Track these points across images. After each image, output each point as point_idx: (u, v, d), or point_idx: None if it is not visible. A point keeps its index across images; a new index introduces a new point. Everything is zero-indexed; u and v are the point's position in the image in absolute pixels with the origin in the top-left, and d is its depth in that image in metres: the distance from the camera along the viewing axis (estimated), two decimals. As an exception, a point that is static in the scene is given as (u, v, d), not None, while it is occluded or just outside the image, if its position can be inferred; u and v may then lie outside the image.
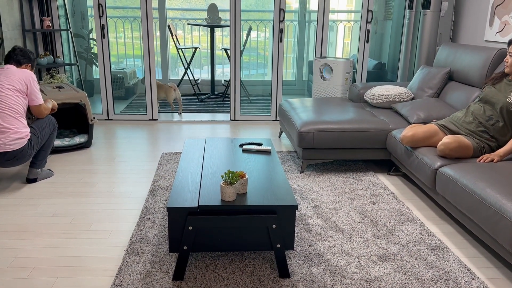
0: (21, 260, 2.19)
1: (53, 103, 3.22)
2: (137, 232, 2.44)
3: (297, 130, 3.32)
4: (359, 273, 2.12)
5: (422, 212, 2.82)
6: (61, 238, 2.39)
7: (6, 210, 2.70)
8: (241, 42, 4.73)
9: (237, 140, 2.94)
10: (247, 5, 6.79)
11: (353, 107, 3.79)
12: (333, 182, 3.24)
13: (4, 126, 2.77)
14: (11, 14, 4.11)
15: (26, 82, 2.90)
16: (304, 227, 2.55)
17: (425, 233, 2.52)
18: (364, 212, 2.77)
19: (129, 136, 4.26)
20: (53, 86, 3.90)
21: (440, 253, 2.31)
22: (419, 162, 2.81)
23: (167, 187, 3.07)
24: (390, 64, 5.97)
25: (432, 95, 3.68)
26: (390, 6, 6.02)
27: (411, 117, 3.35)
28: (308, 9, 6.42)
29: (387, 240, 2.43)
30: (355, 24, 6.52)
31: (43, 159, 3.11)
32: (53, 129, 3.15)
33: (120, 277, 2.04)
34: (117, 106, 5.28)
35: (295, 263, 2.19)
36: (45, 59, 4.46)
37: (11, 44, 4.10)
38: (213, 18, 5.76)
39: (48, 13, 4.56)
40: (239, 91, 4.80)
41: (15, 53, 2.98)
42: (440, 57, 3.86)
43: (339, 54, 6.70)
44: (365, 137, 3.30)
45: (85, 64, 5.91)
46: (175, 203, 1.99)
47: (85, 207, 2.77)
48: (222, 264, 2.16)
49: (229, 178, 2.00)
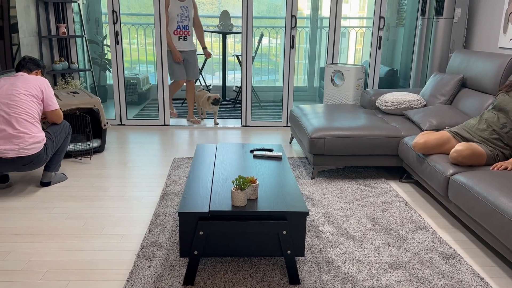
0: (34, 262, 2.22)
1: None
2: (148, 237, 2.46)
3: (308, 136, 3.32)
4: (370, 280, 2.11)
5: (434, 220, 2.80)
6: (73, 242, 2.42)
7: (21, 213, 2.75)
8: (253, 49, 4.76)
9: (248, 146, 2.96)
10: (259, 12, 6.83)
11: (364, 114, 3.78)
12: (344, 188, 3.22)
13: (21, 131, 2.82)
14: (28, 21, 4.20)
15: (41, 88, 2.96)
16: (315, 234, 2.54)
17: (437, 241, 2.49)
18: (375, 219, 2.75)
19: (142, 141, 4.30)
20: (67, 92, 3.96)
21: (453, 262, 2.29)
22: (431, 169, 2.79)
23: (179, 192, 3.09)
24: (402, 71, 5.94)
25: (444, 102, 3.65)
26: (402, 12, 6.00)
27: (423, 124, 3.33)
28: (320, 15, 6.43)
29: (399, 247, 2.41)
30: (367, 31, 6.51)
31: (57, 163, 3.15)
32: (68, 134, 3.19)
33: (131, 281, 2.06)
34: (130, 112, 5.34)
35: (306, 270, 2.18)
36: (60, 65, 4.54)
37: (27, 50, 4.18)
38: (225, 24, 5.80)
39: (63, 20, 4.64)
40: (250, 97, 4.82)
41: (25, 61, 3.05)
42: (453, 64, 3.83)
43: (351, 61, 6.69)
44: (376, 144, 3.29)
45: (99, 70, 5.99)
46: (186, 208, 2.00)
47: (97, 211, 2.80)
48: (232, 270, 2.16)
49: (240, 184, 2.01)
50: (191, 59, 4.81)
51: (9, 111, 2.82)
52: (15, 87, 2.87)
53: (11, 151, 2.79)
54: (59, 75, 4.74)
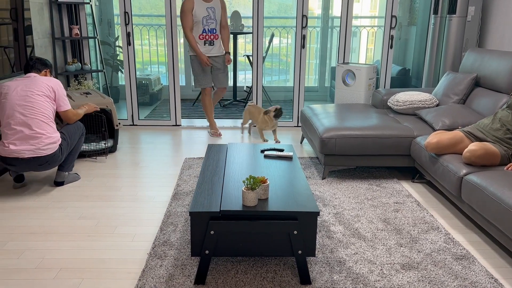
0: (48, 261, 2.25)
1: (90, 106, 3.34)
2: (160, 236, 2.48)
3: (319, 136, 3.31)
4: (381, 281, 2.10)
5: (447, 220, 2.77)
6: (86, 241, 2.45)
7: (35, 212, 2.79)
8: (264, 49, 4.76)
9: (258, 146, 2.96)
10: (270, 12, 6.82)
11: (376, 113, 3.75)
12: (356, 189, 3.21)
13: (37, 132, 2.86)
14: (41, 23, 4.26)
15: (54, 88, 3.00)
16: (326, 234, 2.53)
17: (450, 242, 2.47)
18: (387, 219, 2.73)
19: (153, 141, 4.33)
20: (80, 92, 4.00)
21: (466, 263, 2.26)
22: (444, 169, 2.76)
23: (190, 191, 3.11)
24: (414, 70, 5.89)
25: (457, 102, 3.61)
26: (414, 11, 5.95)
27: (436, 123, 3.30)
28: (331, 15, 6.41)
29: (411, 248, 2.40)
30: (378, 30, 6.47)
31: (70, 163, 3.19)
32: (81, 134, 3.23)
33: (143, 280, 2.08)
34: (141, 112, 5.38)
35: (317, 270, 2.17)
36: (73, 66, 4.59)
37: (41, 51, 4.24)
38: (236, 25, 5.82)
39: (76, 21, 4.69)
40: (261, 97, 4.82)
41: (33, 61, 3.08)
42: (466, 63, 3.79)
43: (362, 60, 6.65)
44: (388, 144, 3.27)
45: (111, 70, 6.05)
46: (197, 207, 2.01)
47: (110, 211, 2.83)
48: (243, 269, 2.17)
49: (250, 184, 2.01)
50: (219, 66, 4.33)
51: (25, 112, 2.86)
52: (29, 88, 2.92)
53: (27, 151, 2.84)
54: (72, 76, 4.80)
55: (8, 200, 2.96)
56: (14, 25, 3.67)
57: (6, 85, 2.94)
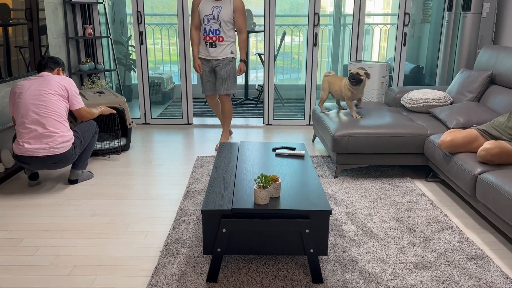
0: (62, 258, 2.28)
1: (105, 109, 3.37)
2: (172, 234, 2.49)
3: (331, 135, 3.29)
4: (394, 280, 2.08)
5: (461, 219, 2.73)
6: (100, 238, 2.48)
7: (49, 210, 2.82)
8: (275, 47, 4.75)
9: (270, 144, 2.96)
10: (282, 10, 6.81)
11: (389, 112, 3.72)
12: (368, 187, 3.19)
13: (50, 131, 2.90)
14: (56, 23, 4.31)
15: (66, 87, 3.03)
16: (338, 233, 2.52)
17: (464, 241, 2.44)
18: (400, 218, 2.71)
19: (166, 140, 4.35)
20: (94, 91, 4.05)
21: (480, 263, 2.23)
22: (458, 168, 2.73)
23: (202, 190, 3.12)
24: (428, 68, 5.83)
25: (472, 99, 3.56)
26: (428, 8, 5.88)
27: (450, 121, 3.26)
28: (343, 12, 6.37)
29: (424, 247, 2.37)
30: (391, 27, 6.41)
31: (84, 161, 3.23)
32: (95, 132, 3.27)
33: (156, 277, 2.09)
34: (154, 111, 5.41)
35: (329, 269, 2.17)
36: (86, 65, 4.64)
37: (55, 51, 4.29)
38: (247, 23, 5.81)
39: (90, 21, 4.74)
40: (272, 96, 4.82)
41: (45, 61, 3.12)
42: (481, 60, 3.73)
43: (375, 58, 6.60)
44: (401, 142, 3.24)
45: (124, 70, 6.10)
46: (209, 205, 2.02)
47: (123, 208, 2.85)
48: (255, 268, 2.17)
49: (262, 182, 2.01)
50: (221, 70, 3.83)
51: (39, 111, 2.90)
52: (43, 88, 2.96)
53: (41, 150, 2.88)
54: (86, 75, 4.85)
55: (23, 198, 3.00)
56: (29, 25, 3.72)
57: (20, 84, 2.99)
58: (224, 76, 3.83)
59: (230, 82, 3.86)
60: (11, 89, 3.02)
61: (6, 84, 3.44)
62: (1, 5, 3.30)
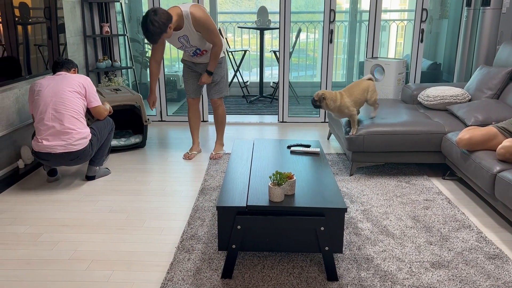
0: (80, 252, 2.32)
1: (109, 107, 3.39)
2: (187, 230, 2.51)
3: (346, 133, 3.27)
4: (410, 279, 2.06)
5: (479, 218, 2.69)
6: (117, 234, 2.51)
7: (68, 206, 2.87)
8: (290, 44, 4.73)
9: (285, 142, 2.95)
10: (297, 7, 6.78)
11: (406, 109, 3.68)
12: (384, 185, 3.16)
13: (68, 127, 2.95)
14: (74, 21, 4.37)
15: (84, 85, 3.08)
16: (353, 231, 2.51)
17: (482, 240, 2.40)
18: (416, 217, 2.68)
19: (181, 137, 4.38)
20: (110, 89, 4.09)
21: (499, 262, 2.20)
22: (476, 166, 2.69)
23: (217, 186, 3.14)
24: (445, 64, 5.74)
25: (491, 96, 3.50)
26: (446, 4, 5.78)
27: (468, 119, 3.20)
28: (360, 9, 6.31)
29: (441, 246, 2.34)
30: (408, 24, 6.33)
31: (101, 158, 3.28)
32: (111, 129, 3.31)
33: (172, 273, 2.11)
34: (169, 108, 5.45)
35: (344, 267, 2.16)
36: (103, 63, 4.70)
37: (73, 49, 4.36)
38: (262, 20, 5.81)
39: (107, 19, 4.79)
40: (287, 93, 4.80)
41: (62, 61, 3.18)
42: (501, 56, 3.66)
43: (392, 55, 6.53)
44: (418, 140, 3.20)
45: (140, 67, 6.15)
46: (224, 202, 2.03)
47: (139, 204, 2.88)
48: (269, 265, 2.17)
49: (277, 179, 2.01)
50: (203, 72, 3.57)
51: (57, 108, 2.95)
52: (61, 85, 3.00)
53: (59, 146, 2.93)
54: (103, 73, 4.91)
55: (42, 193, 3.06)
56: (47, 24, 3.78)
57: (38, 82, 3.04)
58: (216, 81, 3.58)
59: (222, 85, 3.63)
60: (30, 87, 3.08)
61: (25, 82, 3.50)
62: (20, 4, 3.36)
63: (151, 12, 3.03)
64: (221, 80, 3.62)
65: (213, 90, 3.64)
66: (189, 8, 3.20)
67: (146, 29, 3.05)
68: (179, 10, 3.18)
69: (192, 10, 3.20)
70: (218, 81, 3.60)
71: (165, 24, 3.05)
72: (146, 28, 3.04)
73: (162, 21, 3.03)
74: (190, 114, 3.79)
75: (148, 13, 3.04)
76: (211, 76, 3.52)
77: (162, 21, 3.03)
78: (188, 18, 3.20)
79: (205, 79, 3.51)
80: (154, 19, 3.01)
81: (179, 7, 3.20)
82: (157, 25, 3.02)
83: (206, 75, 3.50)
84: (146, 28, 3.04)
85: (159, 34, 3.07)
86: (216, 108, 3.73)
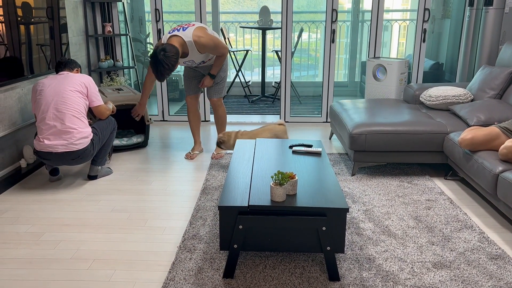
0: (82, 252, 2.32)
1: (113, 106, 3.40)
2: (189, 230, 2.51)
3: (348, 132, 3.27)
4: (412, 279, 2.06)
5: (481, 218, 2.69)
6: (119, 233, 2.52)
7: (70, 205, 2.88)
8: (292, 44, 4.73)
9: (287, 142, 2.95)
10: (299, 7, 6.78)
11: (408, 109, 3.67)
12: (386, 185, 3.15)
13: (69, 127, 2.95)
14: (76, 21, 4.38)
15: (86, 84, 3.09)
16: (355, 231, 2.51)
17: (484, 241, 2.40)
18: (418, 217, 2.68)
19: (183, 137, 4.39)
20: (112, 88, 4.10)
21: (501, 263, 2.19)
22: (478, 166, 2.68)
23: (219, 186, 3.14)
24: (448, 64, 5.73)
25: (494, 96, 3.49)
26: (448, 4, 5.77)
27: (470, 119, 3.20)
28: (362, 8, 6.30)
29: (443, 247, 2.34)
30: (411, 23, 6.32)
31: (103, 157, 3.28)
32: (113, 129, 3.31)
33: (173, 272, 2.11)
34: (171, 108, 5.46)
35: (345, 267, 2.16)
36: (105, 63, 4.70)
37: (75, 48, 4.36)
38: (265, 20, 5.81)
39: (109, 19, 4.80)
40: (289, 93, 4.80)
41: (64, 61, 3.19)
42: (504, 56, 3.65)
43: (394, 55, 6.52)
44: (420, 140, 3.19)
45: (142, 67, 6.16)
46: (226, 202, 2.03)
47: (141, 204, 2.89)
48: (271, 264, 2.17)
49: (279, 179, 2.01)
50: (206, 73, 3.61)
51: (59, 108, 2.95)
52: (63, 84, 3.01)
53: (61, 146, 2.93)
54: (105, 73, 4.92)
55: (44, 193, 3.07)
56: (50, 24, 3.79)
57: (41, 82, 3.05)
58: (217, 81, 3.59)
59: (221, 86, 3.64)
60: (33, 87, 3.09)
61: (28, 82, 3.51)
62: (23, 4, 3.37)
63: (160, 52, 3.04)
64: (221, 81, 3.63)
65: (213, 91, 3.64)
66: (192, 37, 3.21)
67: (156, 70, 3.08)
68: (181, 41, 3.20)
69: (195, 38, 3.22)
70: (219, 82, 3.62)
71: (174, 64, 3.10)
72: (156, 68, 3.07)
73: (172, 63, 3.07)
74: (189, 115, 3.81)
75: (156, 53, 3.04)
76: (213, 79, 3.55)
77: (171, 63, 3.07)
78: (193, 46, 3.24)
79: (207, 82, 3.54)
80: (164, 60, 3.04)
81: (181, 38, 3.20)
82: (167, 66, 3.06)
83: (208, 78, 3.53)
84: (156, 68, 3.07)
85: (168, 74, 3.12)
86: (217, 109, 3.74)
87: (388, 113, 3.53)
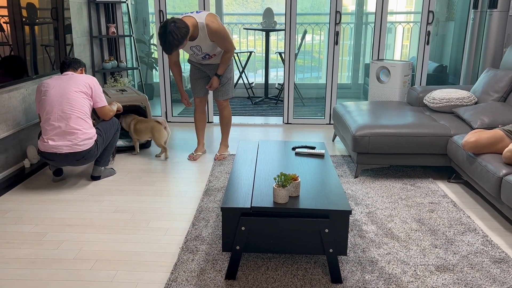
0: (85, 252, 2.33)
1: (118, 105, 3.40)
2: (192, 231, 2.52)
3: (351, 134, 3.27)
4: (415, 282, 2.05)
5: (485, 222, 2.67)
6: (121, 234, 2.52)
7: (73, 205, 2.89)
8: (296, 46, 4.73)
9: (290, 143, 2.95)
10: (303, 9, 6.78)
11: (411, 111, 3.67)
12: (389, 188, 3.15)
13: (73, 127, 2.96)
14: (80, 22, 4.40)
15: (90, 85, 3.09)
16: (358, 233, 2.50)
17: (488, 244, 2.38)
18: (421, 220, 2.67)
19: (186, 138, 4.39)
20: (116, 89, 4.11)
21: (505, 266, 2.18)
22: (482, 169, 2.67)
23: (221, 187, 3.14)
24: (452, 67, 5.71)
25: (498, 99, 3.48)
26: (453, 6, 5.76)
27: (474, 122, 3.19)
28: (366, 11, 6.30)
29: (446, 250, 2.33)
30: (414, 26, 6.31)
31: (106, 158, 3.29)
32: (116, 130, 3.32)
33: (176, 273, 2.12)
34: (175, 109, 5.47)
35: (348, 269, 2.15)
36: (109, 64, 4.72)
37: (80, 49, 4.38)
38: (268, 22, 5.81)
39: (113, 20, 4.82)
40: (292, 95, 4.80)
41: (69, 61, 3.19)
42: (508, 59, 3.64)
43: (397, 57, 6.51)
44: (424, 142, 3.18)
45: (146, 68, 6.17)
46: (228, 203, 2.03)
47: (144, 205, 2.89)
48: (273, 266, 2.17)
49: (281, 181, 2.01)
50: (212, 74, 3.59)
51: (63, 108, 2.96)
52: (68, 85, 3.02)
53: (65, 146, 2.94)
54: (109, 74, 4.93)
55: (48, 193, 3.08)
56: (54, 25, 3.81)
57: (45, 83, 3.06)
58: (223, 82, 3.58)
59: (228, 86, 3.63)
60: (37, 87, 3.10)
61: (32, 82, 3.53)
62: (28, 5, 3.39)
63: (171, 23, 3.02)
64: (228, 82, 3.62)
65: (219, 92, 3.64)
66: (205, 20, 3.20)
67: (164, 40, 3.04)
68: (194, 21, 3.18)
69: (208, 22, 3.20)
70: (225, 83, 3.61)
71: (184, 37, 3.06)
72: (164, 38, 3.03)
73: (181, 35, 3.03)
74: (196, 116, 3.80)
75: (167, 24, 3.02)
76: (220, 79, 3.54)
77: (181, 35, 3.03)
78: (204, 30, 3.21)
79: (215, 83, 3.52)
80: (174, 31, 3.00)
81: (194, 18, 3.19)
82: (176, 37, 3.02)
83: (216, 78, 3.50)
84: (164, 38, 3.03)
85: (176, 46, 3.08)
86: (222, 110, 3.73)
87: (391, 115, 3.52)
